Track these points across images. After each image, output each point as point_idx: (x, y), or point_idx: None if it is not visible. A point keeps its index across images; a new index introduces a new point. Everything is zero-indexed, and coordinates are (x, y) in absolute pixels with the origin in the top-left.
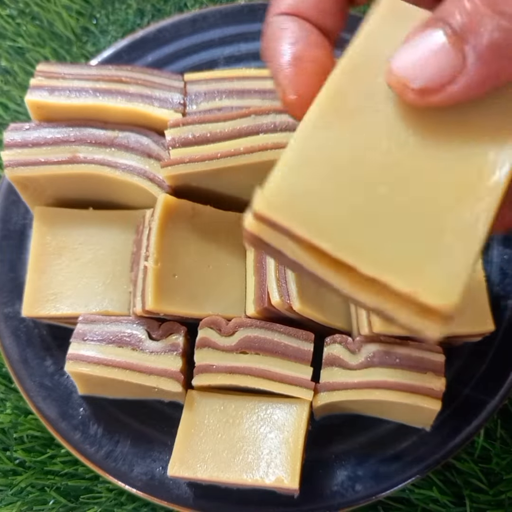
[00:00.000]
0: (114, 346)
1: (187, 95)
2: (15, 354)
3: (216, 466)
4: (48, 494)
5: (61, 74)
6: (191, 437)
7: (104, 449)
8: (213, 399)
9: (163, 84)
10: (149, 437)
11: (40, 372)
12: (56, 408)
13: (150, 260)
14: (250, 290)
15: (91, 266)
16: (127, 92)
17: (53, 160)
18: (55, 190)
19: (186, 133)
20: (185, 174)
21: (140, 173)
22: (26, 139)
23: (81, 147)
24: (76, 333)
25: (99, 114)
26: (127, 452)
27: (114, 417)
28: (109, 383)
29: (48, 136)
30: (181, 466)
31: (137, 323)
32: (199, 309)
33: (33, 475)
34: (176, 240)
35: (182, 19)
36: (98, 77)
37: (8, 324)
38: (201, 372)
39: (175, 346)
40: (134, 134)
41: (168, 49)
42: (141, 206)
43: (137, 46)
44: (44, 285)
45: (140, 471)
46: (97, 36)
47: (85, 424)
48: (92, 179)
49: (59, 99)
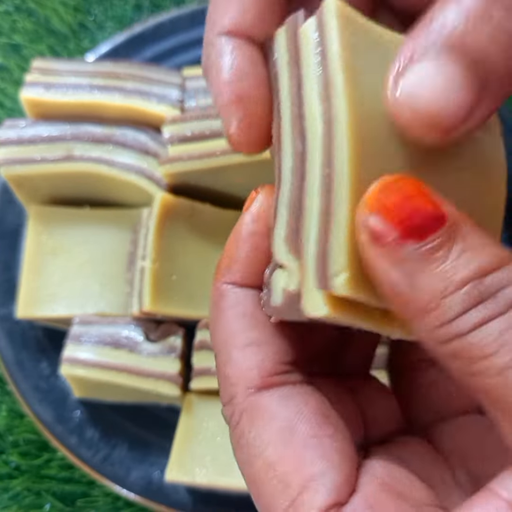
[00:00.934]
0: (110, 348)
1: (185, 91)
2: (10, 356)
3: (215, 470)
4: (44, 498)
5: (57, 70)
6: (189, 441)
7: (101, 453)
8: (212, 402)
9: (161, 80)
10: (146, 441)
11: (36, 374)
12: (52, 411)
13: (148, 260)
14: None
15: (88, 266)
16: (125, 88)
17: (49, 158)
18: (51, 188)
19: (184, 129)
20: (183, 172)
21: (138, 171)
22: (21, 137)
23: (78, 144)
24: (71, 334)
25: (96, 111)
26: (124, 456)
27: (111, 420)
28: (106, 386)
29: (44, 133)
30: (179, 471)
31: (134, 324)
32: (197, 310)
33: (29, 479)
34: (174, 240)
35: (180, 14)
36: (95, 73)
37: (3, 326)
38: (199, 375)
39: (173, 348)
40: (131, 131)
41: (166, 45)
42: (138, 204)
43: (135, 41)
44: (39, 285)
45: (137, 475)
46: (94, 32)
47: (82, 427)
48: (89, 177)
49: (55, 96)
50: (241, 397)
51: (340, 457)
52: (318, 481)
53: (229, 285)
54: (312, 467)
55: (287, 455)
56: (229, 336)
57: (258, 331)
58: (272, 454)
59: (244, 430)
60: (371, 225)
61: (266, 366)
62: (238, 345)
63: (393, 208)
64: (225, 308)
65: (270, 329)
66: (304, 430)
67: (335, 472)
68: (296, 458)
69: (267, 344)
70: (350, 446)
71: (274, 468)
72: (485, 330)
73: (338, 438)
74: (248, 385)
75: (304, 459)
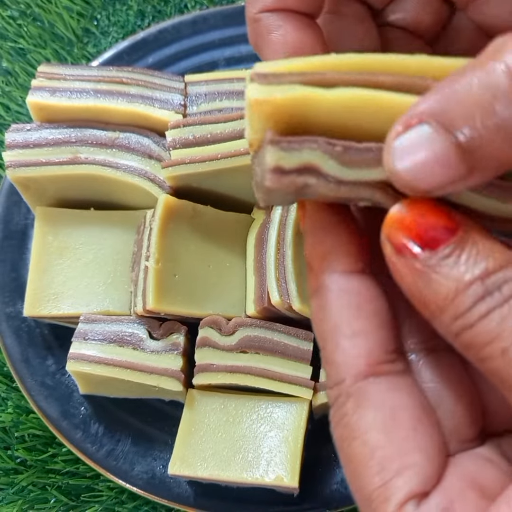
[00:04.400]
0: (115, 346)
1: (187, 96)
2: (16, 353)
3: (217, 464)
4: (49, 493)
5: (62, 75)
6: (191, 436)
7: (105, 448)
8: (214, 398)
9: (164, 85)
10: (149, 436)
11: (42, 371)
12: (58, 407)
13: (151, 260)
14: (250, 289)
15: (92, 266)
16: (128, 93)
17: (54, 160)
18: (56, 190)
19: (186, 134)
20: (185, 175)
21: (141, 174)
22: (27, 140)
23: (82, 147)
24: (77, 332)
25: (100, 115)
26: (128, 451)
27: (115, 416)
28: (110, 382)
29: (50, 136)
30: (182, 465)
31: (138, 322)
32: (199, 309)
33: (34, 474)
34: (177, 240)
35: (183, 20)
36: (99, 78)
37: (10, 324)
38: (201, 371)
39: (175, 346)
40: (135, 135)
41: (169, 51)
42: (141, 206)
43: (138, 47)
44: (45, 285)
45: (141, 469)
46: (98, 37)
47: (86, 423)
48: (93, 180)
49: (60, 100)
50: (350, 381)
51: (435, 450)
52: (412, 470)
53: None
54: (408, 457)
55: (388, 442)
56: (337, 326)
57: (364, 321)
58: (373, 439)
59: (348, 412)
60: (392, 240)
61: (374, 354)
62: (346, 334)
63: (410, 225)
64: (330, 299)
65: (375, 318)
66: (405, 421)
67: (428, 465)
68: (396, 447)
69: (373, 333)
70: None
71: (373, 451)
72: (489, 319)
73: (434, 431)
74: (356, 372)
75: (402, 449)
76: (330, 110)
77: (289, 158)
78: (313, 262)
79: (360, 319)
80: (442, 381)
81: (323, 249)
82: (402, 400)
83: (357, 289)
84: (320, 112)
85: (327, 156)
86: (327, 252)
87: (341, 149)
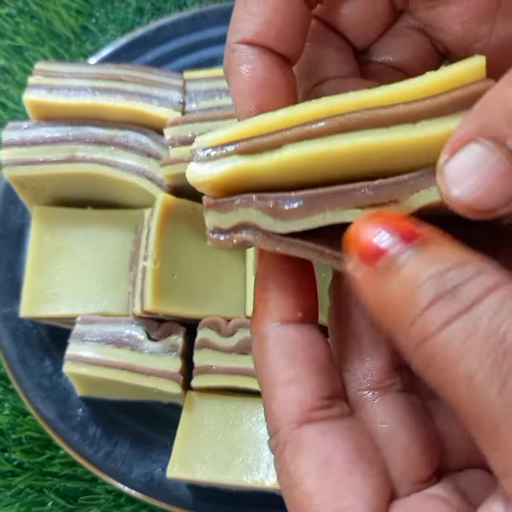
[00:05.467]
0: (113, 347)
1: (186, 93)
2: (13, 354)
3: (216, 467)
4: (46, 496)
5: (59, 72)
6: (190, 439)
7: (103, 450)
8: (213, 400)
9: (162, 83)
10: (148, 438)
11: (39, 372)
12: (55, 409)
13: (149, 260)
14: (250, 290)
15: (90, 266)
16: (126, 90)
17: (51, 159)
18: (53, 189)
19: (185, 131)
20: (184, 173)
21: (139, 172)
22: (24, 138)
23: (80, 146)
24: (74, 333)
25: (98, 112)
26: (126, 453)
27: (113, 418)
28: (108, 384)
29: (47, 135)
30: (181, 468)
31: (136, 323)
32: (198, 309)
33: (32, 476)
34: (175, 240)
35: (182, 17)
36: (97, 76)
37: (7, 325)
38: (200, 373)
39: (174, 347)
40: (133, 132)
41: (168, 48)
42: (140, 205)
43: (137, 44)
44: (42, 285)
45: (139, 472)
46: (96, 35)
47: (84, 425)
48: (91, 179)
49: (58, 98)
50: (285, 430)
51: (372, 492)
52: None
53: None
54: (344, 501)
55: (323, 488)
56: (273, 375)
57: (298, 368)
58: (310, 485)
59: (286, 460)
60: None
61: (307, 401)
62: (280, 382)
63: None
64: (267, 347)
65: (310, 365)
66: (339, 465)
67: (365, 506)
68: (330, 491)
69: (307, 380)
70: (384, 480)
71: (310, 497)
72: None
73: (371, 473)
74: (291, 420)
75: (337, 493)
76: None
77: (225, 218)
78: (257, 306)
79: (295, 367)
80: (395, 421)
81: (266, 296)
82: (336, 444)
83: (293, 338)
84: (257, 175)
85: (260, 212)
86: (269, 299)
87: (273, 202)
